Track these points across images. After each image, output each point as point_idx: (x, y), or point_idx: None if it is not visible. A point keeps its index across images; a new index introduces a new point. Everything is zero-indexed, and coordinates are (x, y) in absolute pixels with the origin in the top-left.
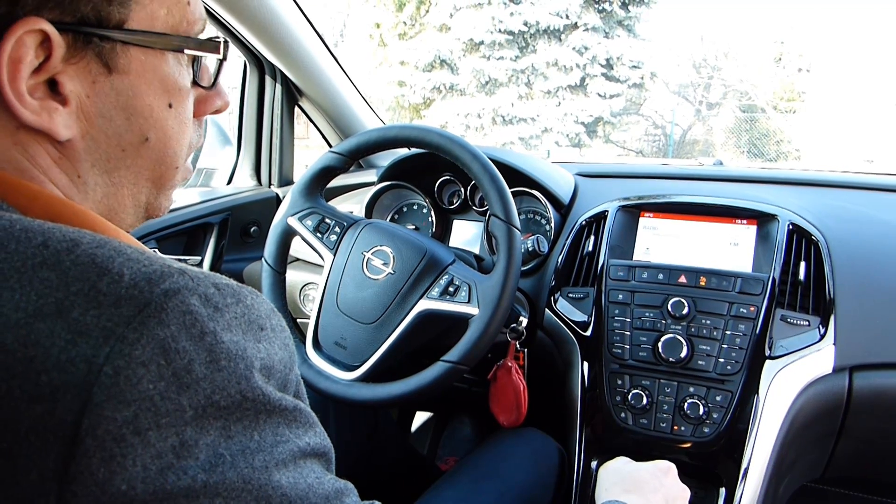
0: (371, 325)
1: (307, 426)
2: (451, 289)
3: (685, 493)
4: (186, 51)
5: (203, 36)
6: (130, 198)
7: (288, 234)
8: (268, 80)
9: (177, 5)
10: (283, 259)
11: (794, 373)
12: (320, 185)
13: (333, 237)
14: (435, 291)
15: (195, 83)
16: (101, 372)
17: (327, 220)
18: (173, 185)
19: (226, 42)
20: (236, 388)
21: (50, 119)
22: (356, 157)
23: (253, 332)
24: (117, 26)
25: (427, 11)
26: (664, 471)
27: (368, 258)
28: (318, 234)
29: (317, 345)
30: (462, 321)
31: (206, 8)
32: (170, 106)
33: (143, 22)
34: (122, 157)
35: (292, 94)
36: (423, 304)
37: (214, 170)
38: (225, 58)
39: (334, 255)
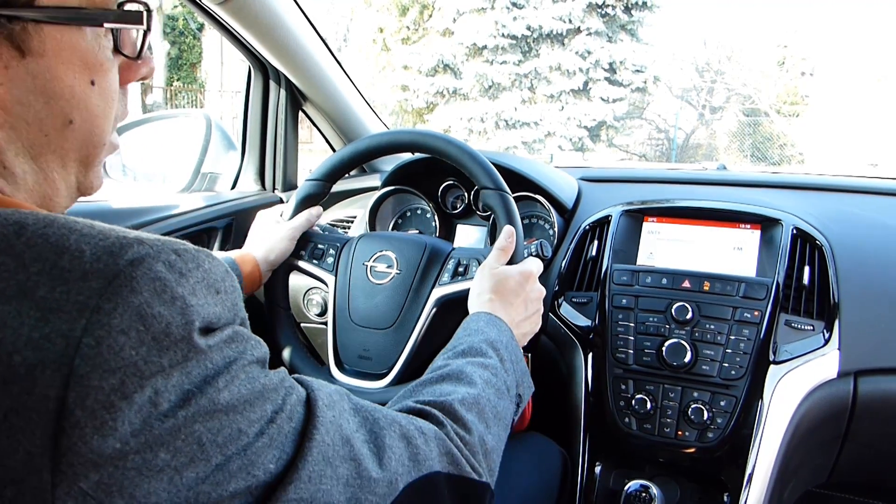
0: (391, 329)
1: (244, 341)
2: (460, 269)
3: (541, 293)
4: (106, 24)
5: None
6: (61, 181)
7: (286, 272)
8: (272, 85)
9: None
10: (286, 295)
11: (799, 377)
12: None
13: (330, 259)
14: (445, 277)
15: (117, 51)
16: (80, 343)
17: (320, 246)
18: (101, 161)
19: (148, 10)
20: (205, 344)
21: None
22: (334, 179)
23: (211, 295)
24: (27, 4)
25: (430, 16)
26: (526, 276)
27: (371, 266)
28: (315, 261)
29: (340, 365)
30: None
31: (209, 12)
32: (92, 83)
33: None
34: (46, 143)
35: (296, 99)
36: (438, 292)
37: (219, 174)
38: (149, 28)
39: (336, 276)
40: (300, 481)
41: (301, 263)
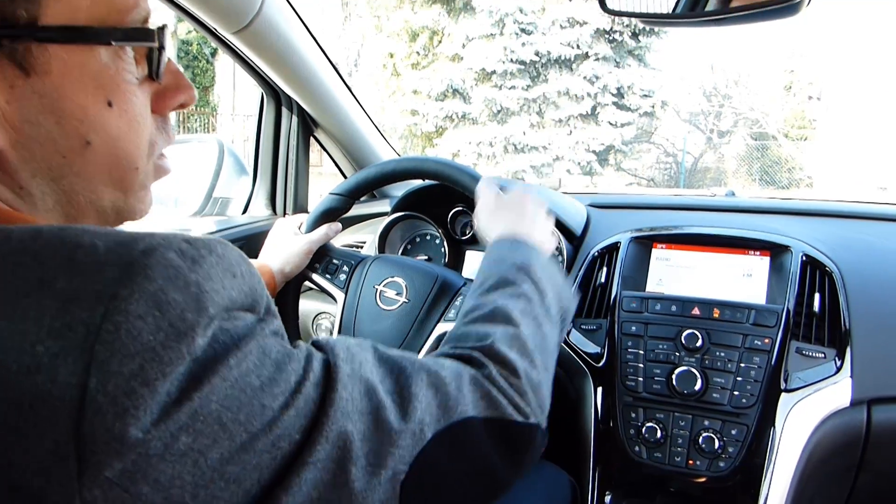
0: None
1: (256, 314)
2: None
3: (541, 202)
4: (115, 43)
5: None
6: (90, 204)
7: (298, 281)
8: (284, 111)
9: None
10: (296, 305)
11: (811, 406)
12: None
13: (343, 276)
14: (452, 314)
15: (150, 77)
16: (100, 329)
17: (335, 261)
18: (143, 185)
19: (160, 29)
20: (218, 328)
21: None
22: (356, 196)
23: (228, 279)
24: (28, 24)
25: (440, 42)
26: (523, 194)
27: (381, 290)
28: (328, 276)
29: None
30: None
31: (223, 40)
32: (109, 104)
33: (61, 16)
34: (65, 164)
35: (308, 126)
36: (442, 328)
37: (230, 199)
38: (162, 46)
39: (346, 294)
40: (320, 443)
41: (315, 276)
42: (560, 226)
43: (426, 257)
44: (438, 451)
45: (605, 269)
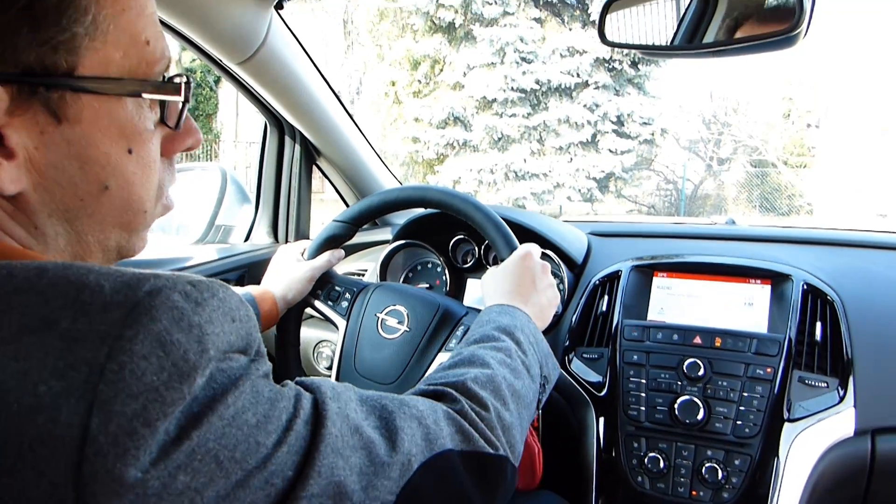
0: (392, 385)
1: (248, 356)
2: None
3: (544, 265)
4: (145, 95)
5: (170, 73)
6: (97, 244)
7: (300, 308)
8: (287, 140)
9: (133, 47)
10: (297, 331)
11: (815, 436)
12: None
13: (344, 303)
14: (453, 343)
15: (162, 122)
16: (104, 369)
17: (337, 288)
18: (147, 225)
19: (188, 83)
20: (215, 369)
21: None
22: (360, 224)
23: (227, 323)
24: (66, 74)
25: (441, 70)
26: (523, 257)
27: (382, 318)
28: (330, 303)
29: None
30: None
31: (228, 70)
32: (129, 151)
33: (96, 67)
34: (81, 207)
35: (310, 154)
36: (443, 357)
37: (233, 227)
38: (187, 99)
39: (347, 321)
40: (312, 478)
41: (317, 303)
42: (561, 254)
43: (427, 285)
44: (422, 482)
45: (606, 297)
